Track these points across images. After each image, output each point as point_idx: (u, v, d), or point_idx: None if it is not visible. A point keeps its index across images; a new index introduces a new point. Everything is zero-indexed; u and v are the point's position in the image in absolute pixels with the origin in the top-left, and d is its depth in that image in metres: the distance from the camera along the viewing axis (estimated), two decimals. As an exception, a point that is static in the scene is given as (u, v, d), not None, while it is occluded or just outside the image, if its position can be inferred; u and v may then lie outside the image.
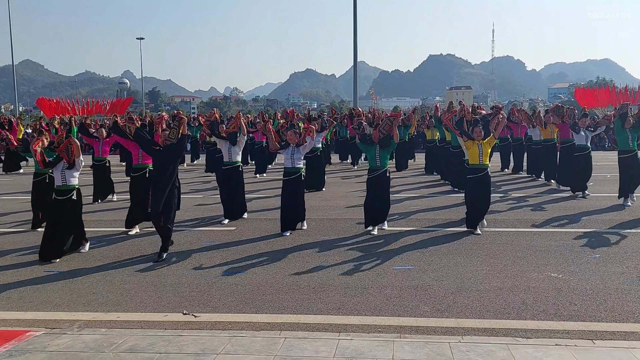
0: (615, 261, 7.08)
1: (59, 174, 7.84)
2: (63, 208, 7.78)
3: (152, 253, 7.82)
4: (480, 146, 8.83)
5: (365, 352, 4.38)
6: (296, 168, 9.17)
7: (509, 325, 5.05)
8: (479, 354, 4.32)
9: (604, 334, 4.80)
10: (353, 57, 44.75)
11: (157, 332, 4.87)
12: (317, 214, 10.47)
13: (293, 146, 9.26)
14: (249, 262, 7.33)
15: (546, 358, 4.23)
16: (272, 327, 5.06)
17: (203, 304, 5.75)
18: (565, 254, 7.44)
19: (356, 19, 43.37)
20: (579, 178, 12.46)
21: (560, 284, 6.19)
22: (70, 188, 7.84)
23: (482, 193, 8.88)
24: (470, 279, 6.46)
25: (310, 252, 7.81)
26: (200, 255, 7.72)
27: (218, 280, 6.52)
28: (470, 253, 7.62)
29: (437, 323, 5.15)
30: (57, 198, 7.82)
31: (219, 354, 4.36)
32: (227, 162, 10.05)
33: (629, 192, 11.28)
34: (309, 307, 5.62)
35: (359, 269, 6.93)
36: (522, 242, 8.15)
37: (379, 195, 8.97)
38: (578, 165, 12.46)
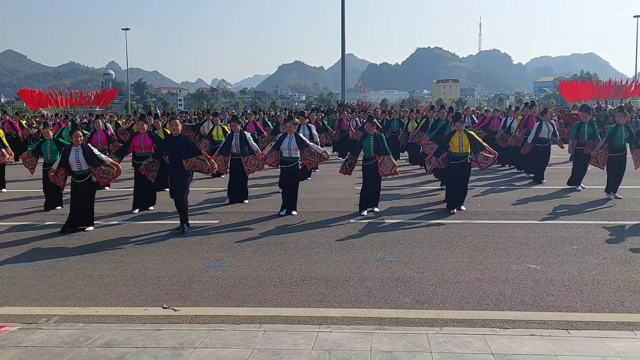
0: (592, 253, 7.17)
1: (74, 161, 8.73)
2: (79, 190, 8.78)
3: (132, 245, 7.79)
4: (460, 137, 9.90)
5: (344, 344, 4.40)
6: (293, 158, 10.04)
7: (487, 316, 5.09)
8: (456, 345, 4.35)
9: (579, 323, 4.86)
10: (341, 49, 44.70)
11: (135, 327, 4.85)
12: (302, 207, 10.47)
13: (290, 136, 10.02)
14: (231, 255, 7.32)
15: (521, 348, 4.28)
16: (252, 320, 5.06)
17: (183, 297, 5.74)
18: (545, 246, 7.52)
19: (344, 11, 43.25)
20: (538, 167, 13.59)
21: (538, 275, 6.25)
22: (85, 172, 8.80)
23: (461, 179, 9.97)
24: (451, 270, 6.50)
25: (293, 244, 7.82)
26: (182, 248, 7.70)
27: (199, 274, 6.51)
28: (452, 245, 7.67)
29: (417, 314, 5.18)
30: (75, 182, 8.83)
31: (197, 348, 4.36)
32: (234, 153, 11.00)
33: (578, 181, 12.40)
34: (290, 300, 5.63)
35: (341, 261, 6.96)
36: (503, 234, 8.22)
37: (373, 181, 9.93)
38: (538, 156, 13.46)
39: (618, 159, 11.04)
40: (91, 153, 8.77)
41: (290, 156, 10.05)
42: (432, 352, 4.23)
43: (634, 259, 6.86)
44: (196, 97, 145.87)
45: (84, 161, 8.73)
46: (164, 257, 7.24)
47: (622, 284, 5.93)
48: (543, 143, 13.38)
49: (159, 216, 9.97)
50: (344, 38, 43.94)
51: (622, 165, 11.09)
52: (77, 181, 8.82)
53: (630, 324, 4.85)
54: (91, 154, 8.77)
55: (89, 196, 8.88)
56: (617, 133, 10.92)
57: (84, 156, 8.73)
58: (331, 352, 4.27)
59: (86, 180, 8.81)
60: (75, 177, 8.84)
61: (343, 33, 43.67)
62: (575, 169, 12.55)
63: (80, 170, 8.78)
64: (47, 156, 10.55)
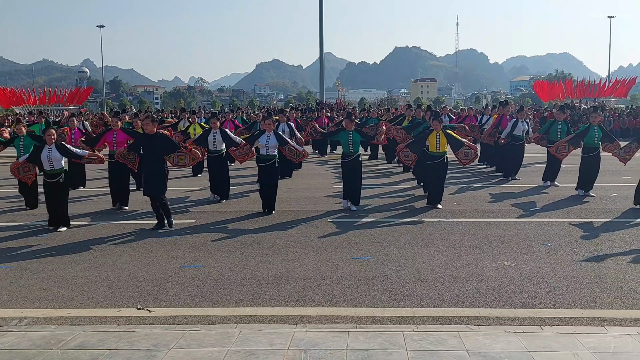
0: (566, 249, 7.28)
1: (46, 160, 8.57)
2: (51, 190, 8.64)
3: (106, 245, 7.69)
4: (438, 136, 9.85)
5: (320, 343, 4.40)
6: (270, 155, 9.81)
7: (462, 314, 5.14)
8: (431, 342, 4.38)
9: (552, 320, 4.93)
10: (319, 48, 44.71)
11: (108, 328, 4.79)
12: (279, 206, 10.43)
13: (269, 134, 9.87)
14: (207, 255, 7.26)
15: (495, 344, 4.33)
16: (228, 320, 5.03)
17: (158, 298, 5.67)
18: (519, 243, 7.61)
19: (322, 10, 43.23)
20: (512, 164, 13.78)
21: (512, 272, 6.32)
22: (57, 172, 8.63)
23: (437, 178, 10.11)
24: (427, 268, 6.54)
25: (270, 244, 7.79)
26: (157, 248, 7.61)
27: (175, 274, 6.45)
28: (428, 243, 7.72)
29: (393, 313, 5.21)
30: (47, 181, 8.67)
31: (172, 349, 4.32)
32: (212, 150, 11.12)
33: (549, 179, 12.68)
34: (267, 299, 5.61)
35: (318, 260, 6.95)
36: (478, 232, 8.30)
37: (352, 178, 10.03)
38: (512, 152, 13.68)
39: (592, 158, 11.15)
40: (67, 150, 8.70)
41: (267, 154, 9.86)
42: (408, 350, 4.25)
43: (605, 255, 6.98)
44: (173, 95, 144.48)
45: (57, 160, 8.60)
46: (139, 258, 7.16)
47: (594, 280, 6.03)
48: (517, 141, 13.54)
49: (133, 216, 9.85)
50: (322, 37, 43.97)
51: (596, 164, 11.19)
52: (48, 180, 8.66)
53: (601, 319, 4.94)
54: (67, 151, 8.69)
55: (61, 196, 8.71)
56: (590, 132, 11.06)
57: (60, 154, 8.61)
58: (307, 351, 4.27)
59: (58, 180, 8.65)
60: (47, 176, 8.68)
61: (321, 32, 43.69)
62: (548, 167, 12.77)
63: (52, 169, 8.62)
64: (20, 152, 10.30)
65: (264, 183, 9.97)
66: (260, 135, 10.02)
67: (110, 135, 10.50)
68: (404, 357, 4.14)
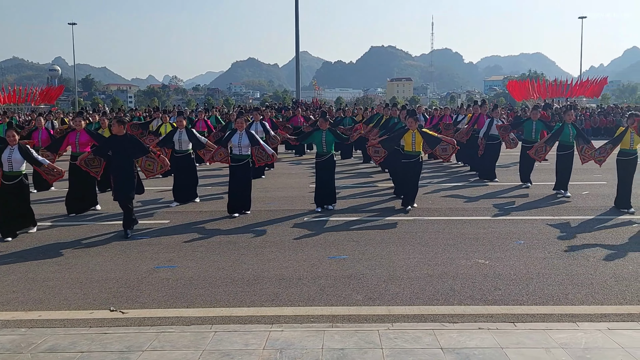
0: (538, 247, 7.38)
1: (6, 161, 8.23)
2: (9, 193, 8.28)
3: (78, 247, 7.57)
4: (414, 135, 9.85)
5: (295, 343, 4.39)
6: (243, 155, 9.65)
7: (437, 311, 5.18)
8: (406, 340, 4.40)
9: (524, 316, 5.00)
10: (295, 47, 44.66)
11: (80, 331, 4.71)
12: (255, 206, 10.39)
13: (241, 132, 9.68)
14: (181, 255, 7.19)
15: (469, 342, 4.37)
16: (203, 321, 4.99)
17: (132, 299, 5.60)
18: (493, 241, 7.70)
19: (298, 8, 43.17)
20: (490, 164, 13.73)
21: (486, 270, 6.39)
22: (16, 174, 8.28)
23: (412, 177, 10.00)
24: (402, 267, 6.58)
25: (245, 244, 7.75)
26: (130, 249, 7.52)
27: (148, 275, 6.37)
28: (403, 241, 7.76)
29: (368, 311, 5.22)
30: (5, 183, 8.28)
31: (145, 351, 4.26)
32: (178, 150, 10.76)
33: (525, 179, 12.73)
34: (242, 299, 5.58)
35: (294, 259, 6.94)
36: (453, 230, 8.38)
37: (326, 177, 9.97)
38: (489, 152, 13.60)
39: (566, 156, 11.23)
40: (29, 155, 8.34)
41: (240, 154, 9.67)
42: (383, 348, 4.26)
43: (577, 253, 7.10)
44: (147, 94, 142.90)
45: (17, 162, 8.23)
46: (112, 259, 7.06)
47: (566, 277, 6.12)
48: (494, 140, 13.52)
49: (105, 217, 9.71)
50: (298, 35, 43.92)
51: (570, 162, 11.29)
52: (6, 182, 8.24)
53: (573, 315, 5.02)
54: (29, 155, 8.34)
55: (21, 198, 8.39)
56: (564, 131, 11.18)
57: (21, 157, 8.25)
58: (283, 351, 4.26)
59: (17, 182, 8.26)
60: (5, 178, 8.26)
61: (297, 30, 43.64)
62: (522, 166, 12.89)
63: (10, 171, 8.23)
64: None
65: (238, 184, 9.67)
66: (233, 135, 9.80)
67: (72, 136, 10.11)
68: (379, 355, 4.16)
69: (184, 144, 10.65)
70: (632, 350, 4.17)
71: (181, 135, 10.61)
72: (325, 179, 10.00)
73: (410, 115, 10.18)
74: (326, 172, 9.99)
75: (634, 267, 6.44)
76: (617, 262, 6.64)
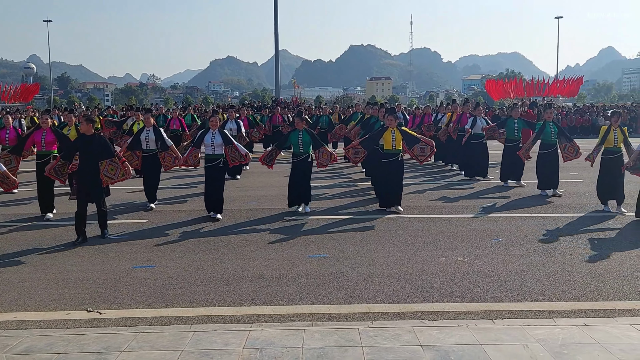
0: (516, 244, 7.46)
1: None
2: None
3: (54, 247, 7.45)
4: (393, 133, 9.67)
5: (276, 342, 4.37)
6: (217, 155, 9.31)
7: (417, 309, 5.20)
8: (386, 338, 4.42)
9: (503, 313, 5.05)
10: (274, 45, 44.54)
11: (56, 332, 4.63)
12: (234, 205, 10.36)
13: (214, 132, 9.35)
14: (160, 255, 7.12)
15: (448, 339, 4.40)
16: (182, 321, 4.94)
17: (109, 300, 5.53)
18: (472, 239, 7.76)
19: (277, 7, 43.05)
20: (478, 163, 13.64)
21: (465, 267, 6.44)
22: None
23: (394, 177, 9.72)
24: (382, 265, 6.60)
25: (225, 243, 7.71)
26: (108, 249, 7.42)
27: (126, 275, 6.29)
28: (383, 240, 7.79)
29: (348, 309, 5.23)
30: None
31: (123, 352, 4.21)
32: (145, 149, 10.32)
33: (508, 178, 12.60)
34: (222, 299, 5.55)
35: (274, 258, 6.92)
36: (433, 228, 8.43)
37: (301, 178, 9.65)
38: (474, 151, 13.58)
39: (549, 155, 11.19)
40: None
41: (213, 153, 9.31)
42: (363, 346, 4.27)
43: (554, 249, 7.19)
44: (124, 92, 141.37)
45: None
46: (88, 259, 6.96)
47: (543, 273, 6.20)
48: (478, 139, 13.40)
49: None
50: (277, 34, 43.81)
51: (555, 160, 11.21)
52: None
53: (550, 311, 5.08)
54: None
55: None
56: (546, 129, 11.21)
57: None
58: (263, 350, 4.24)
59: None
60: None
61: (276, 29, 43.52)
62: (504, 166, 12.78)
63: None
64: None
65: (211, 184, 9.33)
66: (206, 134, 9.37)
67: (39, 134, 9.65)
68: (359, 353, 4.16)
69: (151, 143, 10.22)
70: (608, 346, 4.24)
71: (148, 134, 10.21)
72: (299, 180, 9.68)
73: (390, 112, 10.04)
74: (301, 173, 9.67)
75: (609, 264, 6.55)
76: (593, 259, 6.75)
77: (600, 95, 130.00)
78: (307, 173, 9.77)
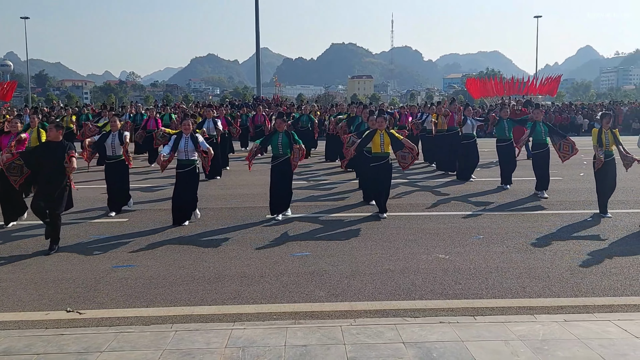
0: (497, 241, 7.53)
1: None
2: None
3: (32, 247, 7.33)
4: (382, 136, 9.36)
5: (258, 341, 4.36)
6: (190, 160, 8.90)
7: (399, 306, 5.22)
8: (368, 336, 4.43)
9: (484, 309, 5.09)
10: (256, 43, 44.36)
11: (35, 332, 4.57)
12: (216, 203, 10.30)
13: (187, 137, 8.92)
14: (140, 254, 7.06)
15: (430, 335, 4.42)
16: (164, 320, 4.91)
17: (89, 300, 5.46)
18: (453, 236, 7.82)
19: (258, 4, 42.90)
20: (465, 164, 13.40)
21: (447, 265, 6.49)
22: None
23: (383, 180, 9.36)
24: (364, 262, 6.61)
25: (206, 242, 7.66)
26: (87, 248, 7.33)
27: (106, 275, 6.22)
28: (365, 237, 7.81)
29: (331, 307, 5.23)
30: None
31: (104, 352, 4.16)
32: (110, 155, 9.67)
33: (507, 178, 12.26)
34: (204, 298, 5.52)
35: (256, 257, 6.90)
36: (414, 226, 8.47)
37: (280, 181, 9.16)
38: (464, 152, 13.41)
39: (542, 154, 11.15)
40: None
41: (187, 158, 8.86)
42: (346, 344, 4.28)
43: (534, 246, 7.27)
44: (104, 90, 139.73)
45: None
46: (67, 259, 6.86)
47: (524, 270, 6.26)
48: (468, 139, 13.33)
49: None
50: (258, 32, 43.65)
51: (547, 160, 11.17)
52: None
53: (530, 308, 5.14)
54: None
55: None
56: (536, 129, 11.18)
57: None
58: (245, 349, 4.22)
59: None
60: None
61: (257, 26, 43.36)
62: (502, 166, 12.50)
63: None
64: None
65: (181, 191, 8.82)
66: (179, 140, 8.90)
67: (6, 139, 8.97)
68: (342, 351, 4.16)
69: (117, 149, 9.58)
70: (587, 341, 4.29)
71: (114, 139, 9.56)
72: (279, 184, 9.19)
73: (380, 114, 9.72)
74: (280, 175, 9.18)
75: (588, 260, 6.64)
76: (572, 256, 6.83)
77: (578, 93, 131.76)
78: (286, 176, 9.26)
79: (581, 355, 4.07)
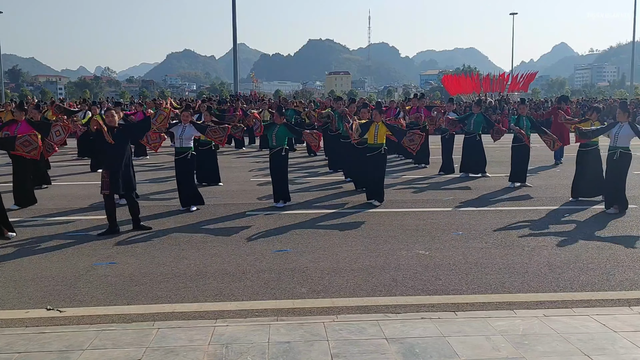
0: (476, 237, 7.63)
1: None
2: None
3: (10, 244, 7.22)
4: (377, 127, 9.69)
5: (241, 338, 4.36)
6: (185, 147, 9.42)
7: (381, 302, 5.27)
8: (351, 332, 4.46)
9: (464, 305, 5.16)
10: (233, 38, 44.05)
11: (16, 331, 4.51)
12: (195, 200, 10.22)
13: (184, 125, 9.43)
14: (121, 251, 7.00)
15: (412, 331, 4.47)
16: (145, 318, 4.88)
17: (69, 297, 5.41)
18: (433, 232, 7.90)
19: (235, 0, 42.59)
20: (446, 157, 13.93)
21: (427, 261, 6.56)
22: None
23: (374, 171, 9.84)
24: (345, 259, 6.65)
25: (187, 239, 7.63)
26: (66, 246, 7.24)
27: (86, 272, 6.16)
28: (346, 234, 7.85)
29: (313, 304, 5.26)
30: None
31: (85, 350, 4.13)
32: None
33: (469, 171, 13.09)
34: (185, 295, 5.50)
35: (237, 254, 6.88)
36: (394, 222, 8.53)
37: (274, 172, 9.73)
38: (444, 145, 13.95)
39: (522, 147, 11.47)
40: None
41: (181, 146, 9.42)
42: (329, 340, 4.30)
43: (513, 242, 7.38)
44: (78, 85, 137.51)
45: None
46: (46, 256, 6.77)
47: (503, 266, 6.36)
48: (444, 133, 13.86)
49: (38, 213, 9.30)
50: (235, 27, 43.37)
51: (527, 153, 11.57)
52: None
53: (510, 303, 5.22)
54: None
55: None
56: (519, 123, 11.49)
57: None
58: (228, 346, 4.22)
59: None
60: None
61: (234, 22, 43.09)
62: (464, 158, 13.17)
63: None
64: None
65: (180, 177, 9.48)
66: (175, 127, 9.54)
67: None
68: (325, 347, 4.19)
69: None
70: (567, 336, 4.38)
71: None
72: (273, 174, 9.76)
73: (376, 107, 10.30)
74: (274, 167, 9.70)
75: (566, 256, 6.76)
76: (550, 251, 6.95)
77: (553, 90, 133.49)
78: (280, 167, 9.68)
79: (561, 350, 4.15)
